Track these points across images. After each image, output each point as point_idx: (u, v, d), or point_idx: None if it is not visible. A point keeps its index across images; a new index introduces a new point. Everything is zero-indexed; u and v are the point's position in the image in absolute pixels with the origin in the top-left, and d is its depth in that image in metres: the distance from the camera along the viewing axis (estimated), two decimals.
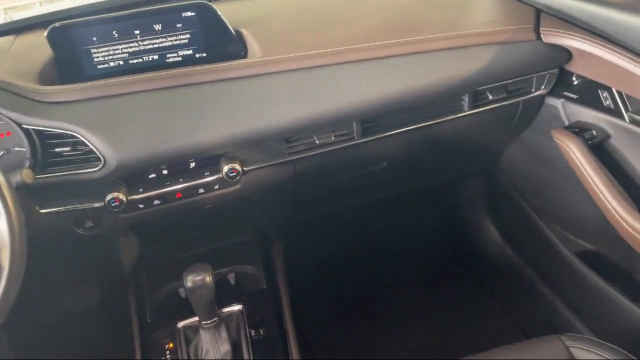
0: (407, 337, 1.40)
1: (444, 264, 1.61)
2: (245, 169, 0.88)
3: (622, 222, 0.86)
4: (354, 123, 0.91)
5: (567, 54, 0.93)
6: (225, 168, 0.86)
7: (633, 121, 0.90)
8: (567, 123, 1.00)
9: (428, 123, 0.98)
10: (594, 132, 0.95)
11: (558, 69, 0.97)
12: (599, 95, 0.95)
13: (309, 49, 0.86)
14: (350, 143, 0.93)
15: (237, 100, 0.82)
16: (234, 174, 0.86)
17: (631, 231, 0.85)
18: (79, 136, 0.76)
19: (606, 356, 0.80)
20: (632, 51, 0.81)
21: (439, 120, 0.98)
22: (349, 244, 1.55)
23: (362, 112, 0.87)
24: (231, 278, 1.10)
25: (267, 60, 0.85)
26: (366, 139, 0.94)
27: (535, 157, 1.15)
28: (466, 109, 0.98)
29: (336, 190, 1.14)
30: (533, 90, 1.00)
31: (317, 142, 0.91)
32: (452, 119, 0.99)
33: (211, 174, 0.87)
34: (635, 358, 0.80)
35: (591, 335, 1.16)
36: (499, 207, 1.45)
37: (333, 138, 0.91)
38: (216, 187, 0.89)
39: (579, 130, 0.97)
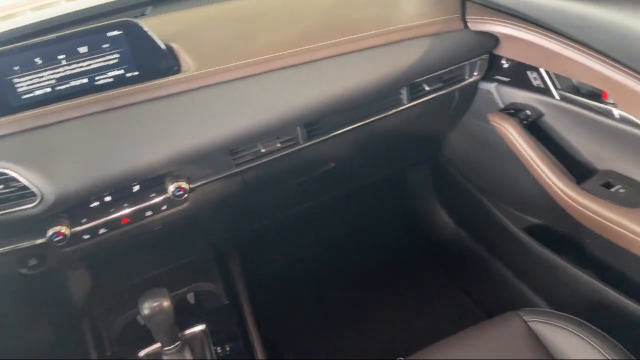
0: (375, 333, 1.41)
1: (403, 255, 1.63)
2: (192, 186, 0.86)
3: (562, 195, 0.90)
4: (298, 128, 0.91)
5: (494, 39, 0.96)
6: (171, 187, 0.83)
7: (563, 98, 0.95)
8: (502, 106, 1.04)
9: (370, 120, 0.99)
10: (528, 112, 0.99)
11: (488, 55, 1.00)
12: (529, 76, 0.99)
13: (244, 57, 0.85)
14: (296, 148, 0.93)
15: (175, 117, 0.80)
16: (181, 192, 0.84)
17: (572, 203, 0.89)
18: (9, 173, 0.72)
19: (562, 326, 0.83)
20: (554, 32, 0.85)
21: (380, 116, 1.00)
22: (307, 246, 1.55)
23: (304, 116, 0.87)
24: (190, 298, 1.08)
25: (201, 73, 0.83)
26: (311, 142, 0.94)
27: (476, 141, 1.19)
28: (405, 102, 0.99)
29: (288, 195, 1.13)
30: (467, 77, 1.03)
31: (262, 150, 0.90)
32: (393, 113, 1.01)
33: (157, 195, 0.85)
34: (588, 324, 0.83)
35: (548, 307, 1.20)
36: (448, 192, 1.49)
37: (279, 145, 0.91)
38: (164, 207, 0.87)
39: (514, 111, 1.00)
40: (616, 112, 0.84)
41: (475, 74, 1.02)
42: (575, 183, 0.90)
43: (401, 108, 1.00)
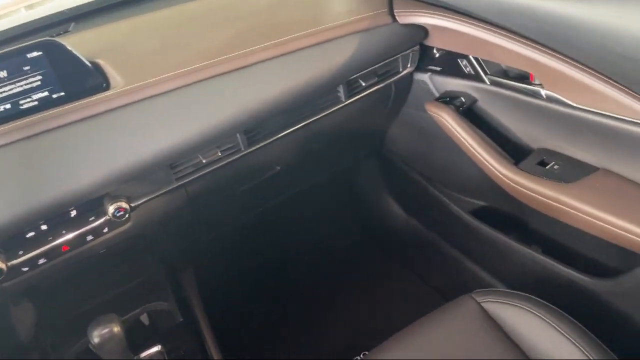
0: (337, 330, 1.42)
1: (357, 249, 1.65)
2: (132, 205, 0.83)
3: (501, 176, 0.93)
4: (238, 135, 0.90)
5: (423, 30, 0.98)
6: (111, 208, 0.81)
7: (493, 83, 0.97)
8: (437, 94, 1.06)
9: (311, 120, 0.99)
10: (462, 98, 1.02)
11: (419, 46, 1.02)
12: (459, 64, 1.02)
13: (174, 68, 0.83)
14: (238, 155, 0.91)
15: (108, 136, 0.77)
16: (122, 212, 0.81)
17: (511, 183, 0.92)
18: None
19: (514, 303, 0.86)
20: (478, 19, 0.87)
21: (320, 116, 1.00)
22: (261, 252, 1.53)
23: (242, 123, 0.86)
24: (144, 319, 1.04)
25: (130, 88, 0.80)
26: (253, 148, 0.93)
27: (417, 131, 1.21)
28: (344, 100, 1.00)
29: (235, 204, 1.12)
30: (401, 69, 1.04)
31: (203, 161, 0.88)
32: (333, 111, 1.01)
33: (97, 218, 0.82)
34: (538, 299, 0.86)
35: (502, 286, 1.24)
36: (397, 183, 1.51)
37: (219, 154, 0.89)
38: (105, 230, 0.84)
39: (449, 99, 1.03)
40: (543, 92, 0.87)
41: (408, 66, 1.04)
42: (513, 164, 0.93)
43: (340, 106, 1.01)
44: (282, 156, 1.05)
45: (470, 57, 0.99)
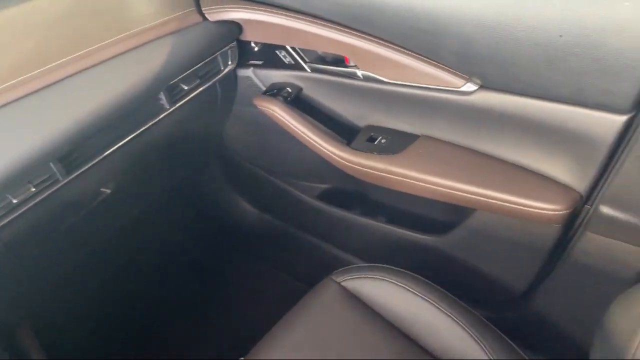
0: (210, 339, 1.37)
1: (216, 256, 1.61)
2: None
3: (337, 158, 0.96)
4: (51, 164, 0.79)
5: (237, 26, 0.96)
6: None
7: (314, 70, 1.00)
8: (264, 88, 1.06)
9: (136, 133, 0.92)
10: (288, 89, 1.03)
11: (236, 42, 1.01)
12: (279, 55, 1.03)
13: None
14: (57, 187, 0.81)
15: None
16: None
17: (347, 163, 0.95)
18: None
19: (370, 276, 0.90)
20: (288, 9, 0.88)
21: (146, 127, 0.93)
22: (112, 280, 1.41)
23: (54, 149, 0.76)
24: None
25: None
26: (74, 175, 0.84)
27: (252, 127, 1.20)
28: (168, 107, 0.95)
29: (68, 240, 1.00)
30: (222, 68, 1.02)
31: (14, 201, 0.77)
32: (159, 120, 0.95)
33: None
34: (391, 267, 0.91)
35: (360, 262, 1.30)
36: (243, 182, 1.49)
37: (33, 189, 0.78)
38: None
39: (276, 91, 1.03)
40: (359, 72, 0.92)
41: (229, 63, 1.02)
42: (346, 144, 0.97)
43: (165, 113, 0.95)
44: (111, 177, 0.96)
45: (288, 47, 1.00)
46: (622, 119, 0.67)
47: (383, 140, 0.95)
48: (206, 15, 0.93)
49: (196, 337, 1.39)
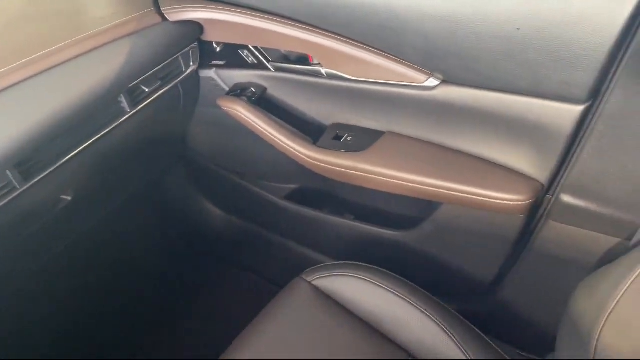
0: (184, 345, 1.35)
1: (183, 260, 1.58)
2: None
3: (304, 157, 0.96)
4: (7, 171, 0.76)
5: (198, 26, 0.95)
6: None
7: (277, 69, 0.99)
8: (227, 89, 1.04)
9: (97, 137, 0.90)
10: (252, 89, 1.02)
11: (197, 42, 0.99)
12: (241, 55, 1.02)
13: None
14: (14, 194, 0.78)
15: None
16: None
17: (315, 162, 0.95)
18: None
19: (339, 274, 0.90)
20: (250, 8, 0.88)
21: (106, 131, 0.91)
22: (73, 292, 1.36)
23: (10, 156, 0.73)
24: None
25: None
26: (32, 182, 0.81)
27: (217, 129, 1.18)
28: (129, 110, 0.92)
29: (26, 249, 0.97)
30: (184, 69, 1.00)
31: None
32: (121, 124, 0.93)
33: None
34: (359, 263, 0.91)
35: (330, 260, 1.30)
36: (208, 184, 1.47)
37: None
38: None
39: (239, 91, 1.02)
40: (323, 70, 0.92)
41: (191, 64, 1.00)
42: (312, 143, 0.97)
43: (126, 117, 0.93)
44: (71, 184, 0.93)
45: (250, 46, 1.00)
46: (579, 108, 0.69)
47: (349, 138, 0.95)
48: (166, 16, 0.91)
49: (165, 345, 1.36)
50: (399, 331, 0.84)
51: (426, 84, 0.81)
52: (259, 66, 1.01)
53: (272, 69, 0.99)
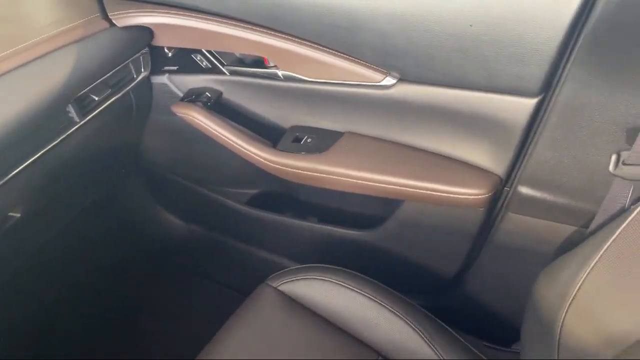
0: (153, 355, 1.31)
1: (144, 273, 1.53)
2: None
3: (264, 161, 0.94)
4: None
5: (147, 31, 0.92)
6: None
7: (233, 72, 0.98)
8: (181, 95, 1.02)
9: (44, 151, 0.86)
10: (207, 94, 0.99)
11: (147, 47, 0.96)
12: (195, 59, 0.99)
13: None
14: None
15: None
16: None
17: (275, 166, 0.94)
18: None
19: (304, 277, 0.89)
20: (201, 11, 0.86)
21: (54, 143, 0.87)
22: (28, 312, 1.30)
23: None
24: None
25: None
26: None
27: (172, 137, 1.15)
28: (78, 120, 0.89)
29: None
30: (135, 75, 0.97)
31: None
32: (70, 134, 0.89)
33: None
34: (323, 265, 0.91)
35: (295, 264, 1.29)
36: (166, 194, 1.44)
37: None
38: None
39: (194, 97, 1.00)
40: (280, 72, 0.91)
41: (142, 70, 0.97)
42: (271, 146, 0.96)
43: (75, 127, 0.89)
44: (19, 200, 0.89)
45: (204, 50, 0.97)
46: (532, 101, 0.71)
47: (309, 140, 0.94)
48: (113, 21, 0.88)
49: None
50: (368, 331, 0.84)
51: (383, 82, 0.81)
52: (214, 70, 0.99)
53: (227, 73, 0.97)
